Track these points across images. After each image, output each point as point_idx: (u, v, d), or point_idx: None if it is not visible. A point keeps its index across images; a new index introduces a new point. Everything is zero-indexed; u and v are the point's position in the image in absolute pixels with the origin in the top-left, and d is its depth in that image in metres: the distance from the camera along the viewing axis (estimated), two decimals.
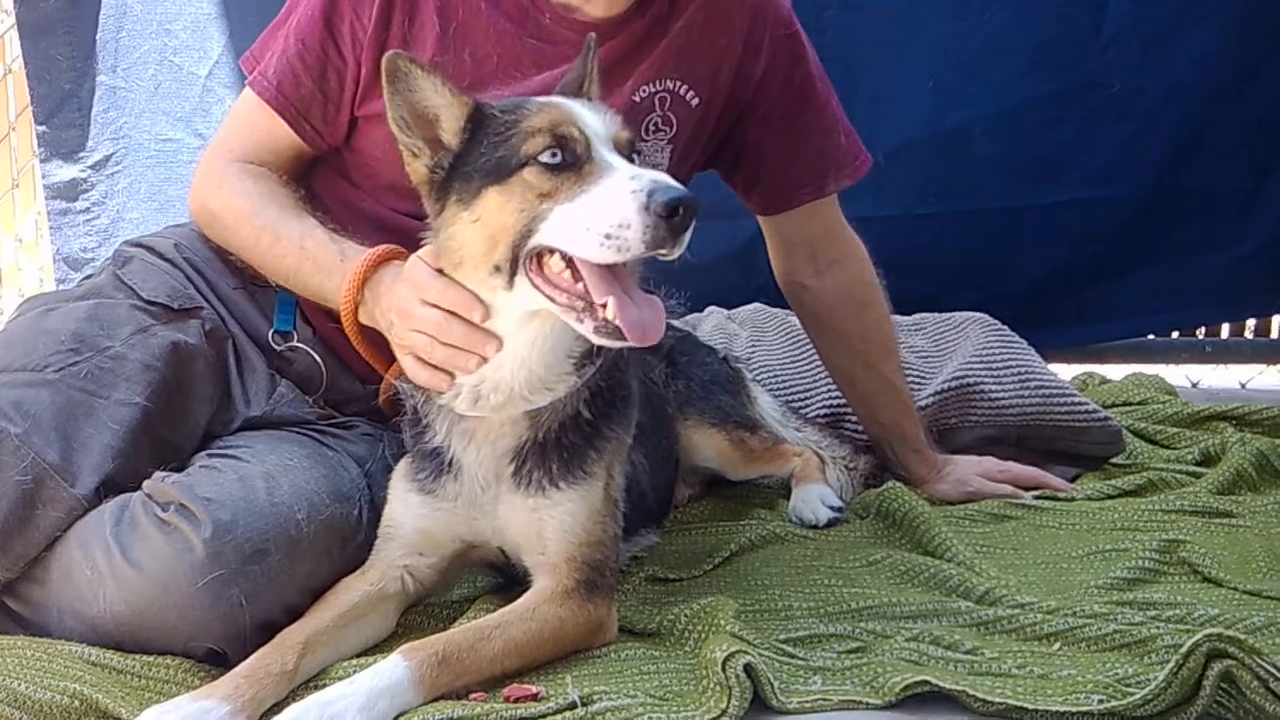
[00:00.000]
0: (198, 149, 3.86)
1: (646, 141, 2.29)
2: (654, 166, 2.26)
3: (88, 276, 2.35)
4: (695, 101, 2.32)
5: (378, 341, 2.07)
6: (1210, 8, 3.75)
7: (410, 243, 1.96)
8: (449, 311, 1.83)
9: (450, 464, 1.93)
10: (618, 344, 1.73)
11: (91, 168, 3.90)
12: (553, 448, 1.91)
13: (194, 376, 2.13)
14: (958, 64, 3.79)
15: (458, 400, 1.90)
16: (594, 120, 1.80)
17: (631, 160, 1.79)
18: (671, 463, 2.51)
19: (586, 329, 1.73)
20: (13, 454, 1.88)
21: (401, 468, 2.02)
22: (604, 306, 1.70)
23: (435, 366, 1.87)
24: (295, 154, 2.25)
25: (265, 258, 2.15)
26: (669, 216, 1.62)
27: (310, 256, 2.08)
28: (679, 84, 2.30)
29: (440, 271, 1.86)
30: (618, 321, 1.69)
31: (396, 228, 2.12)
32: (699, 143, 2.39)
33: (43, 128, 3.98)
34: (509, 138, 1.78)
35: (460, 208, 1.80)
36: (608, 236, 1.65)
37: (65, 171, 3.95)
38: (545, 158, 1.73)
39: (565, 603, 1.84)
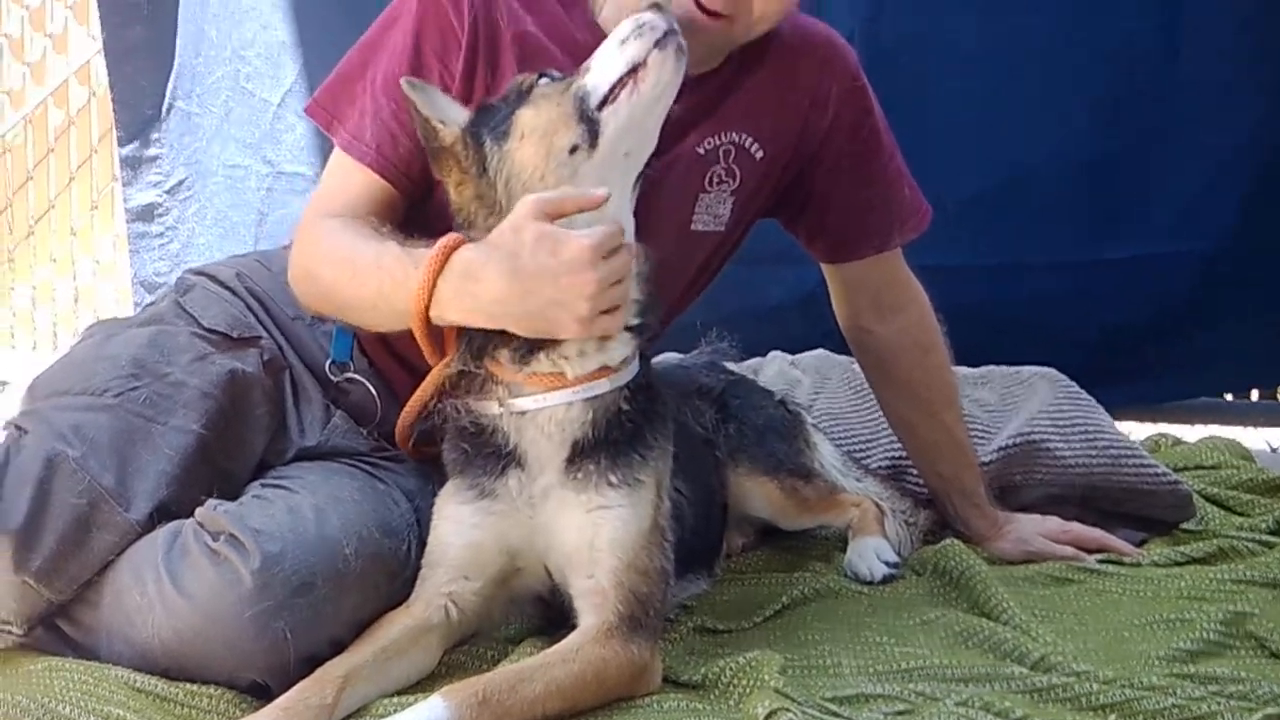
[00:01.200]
0: (265, 175, 3.94)
1: (709, 193, 2.30)
2: (716, 217, 2.32)
3: (150, 303, 2.37)
4: (760, 155, 2.32)
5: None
6: None
7: None
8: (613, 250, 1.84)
9: (514, 459, 1.95)
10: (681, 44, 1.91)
11: (167, 192, 3.98)
12: (603, 445, 1.93)
13: (251, 405, 2.13)
14: (1028, 115, 3.73)
15: (515, 398, 1.93)
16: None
17: None
18: (717, 505, 2.48)
19: (657, 65, 1.90)
20: (70, 477, 1.90)
21: (447, 490, 2.02)
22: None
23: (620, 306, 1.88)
24: (393, 203, 2.22)
25: (350, 295, 2.05)
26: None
27: (388, 273, 1.96)
28: (745, 137, 2.30)
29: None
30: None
31: None
32: (762, 194, 2.39)
33: (124, 151, 4.06)
34: (508, 94, 1.99)
35: (498, 148, 1.93)
36: (637, 27, 1.89)
37: (144, 195, 4.03)
38: (544, 81, 1.96)
39: (608, 642, 1.83)
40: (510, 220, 1.85)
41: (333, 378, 2.25)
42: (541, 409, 1.92)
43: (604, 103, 1.89)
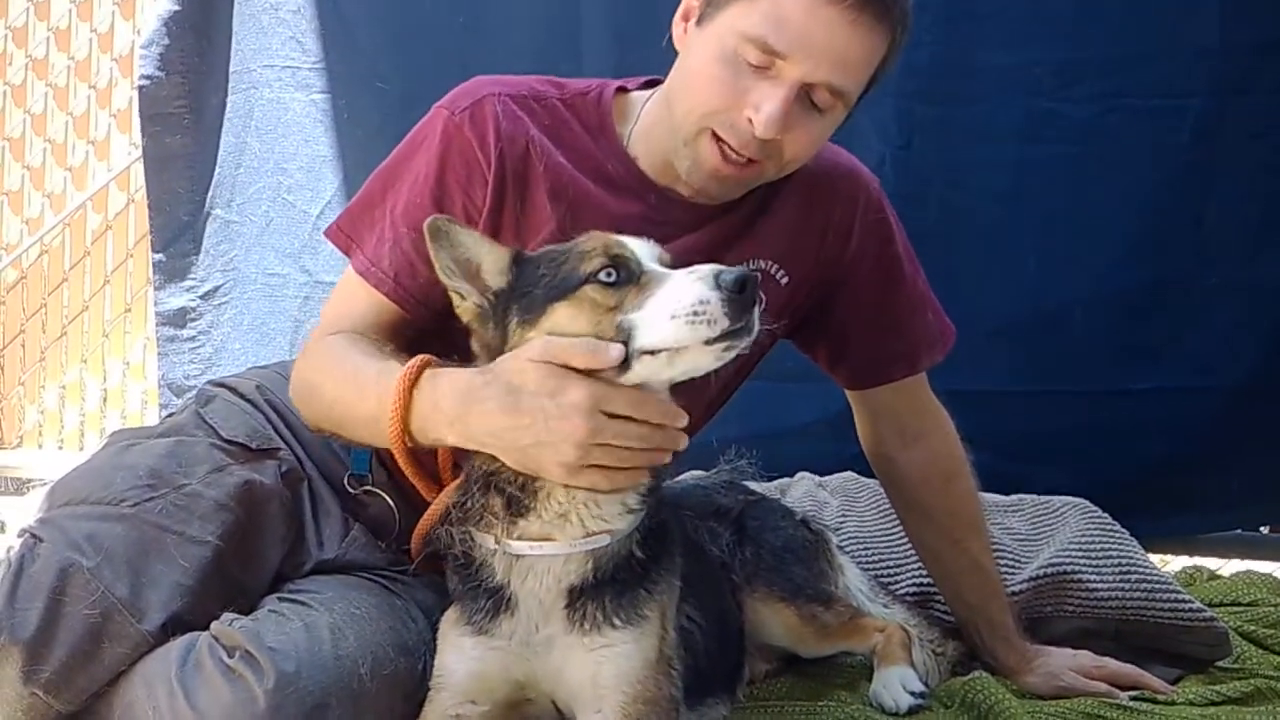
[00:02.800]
0: (304, 284, 3.99)
1: None
2: None
3: (170, 414, 2.37)
4: (785, 280, 2.33)
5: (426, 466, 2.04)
6: None
7: None
8: (647, 422, 1.81)
9: (507, 602, 1.90)
10: (730, 345, 1.77)
11: (201, 298, 4.03)
12: (607, 585, 1.88)
13: (268, 517, 2.12)
14: (1060, 246, 3.75)
15: (513, 540, 1.89)
16: (637, 244, 1.90)
17: None
18: (734, 628, 2.43)
19: (697, 353, 1.78)
20: (83, 587, 1.88)
21: (450, 616, 1.98)
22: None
23: (625, 471, 1.84)
24: (404, 326, 2.24)
25: (351, 410, 2.06)
26: (739, 291, 1.72)
27: (386, 391, 1.97)
28: (770, 263, 2.31)
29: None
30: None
31: None
32: (784, 319, 2.38)
33: (159, 256, 4.13)
34: (565, 262, 1.86)
35: (526, 327, 1.86)
36: (695, 314, 1.73)
37: (176, 300, 4.08)
38: (603, 276, 1.81)
39: None
40: (517, 354, 1.84)
41: (351, 490, 2.24)
42: (539, 556, 1.89)
43: (646, 353, 1.81)
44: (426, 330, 2.21)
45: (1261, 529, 4.12)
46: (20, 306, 5.46)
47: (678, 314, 1.74)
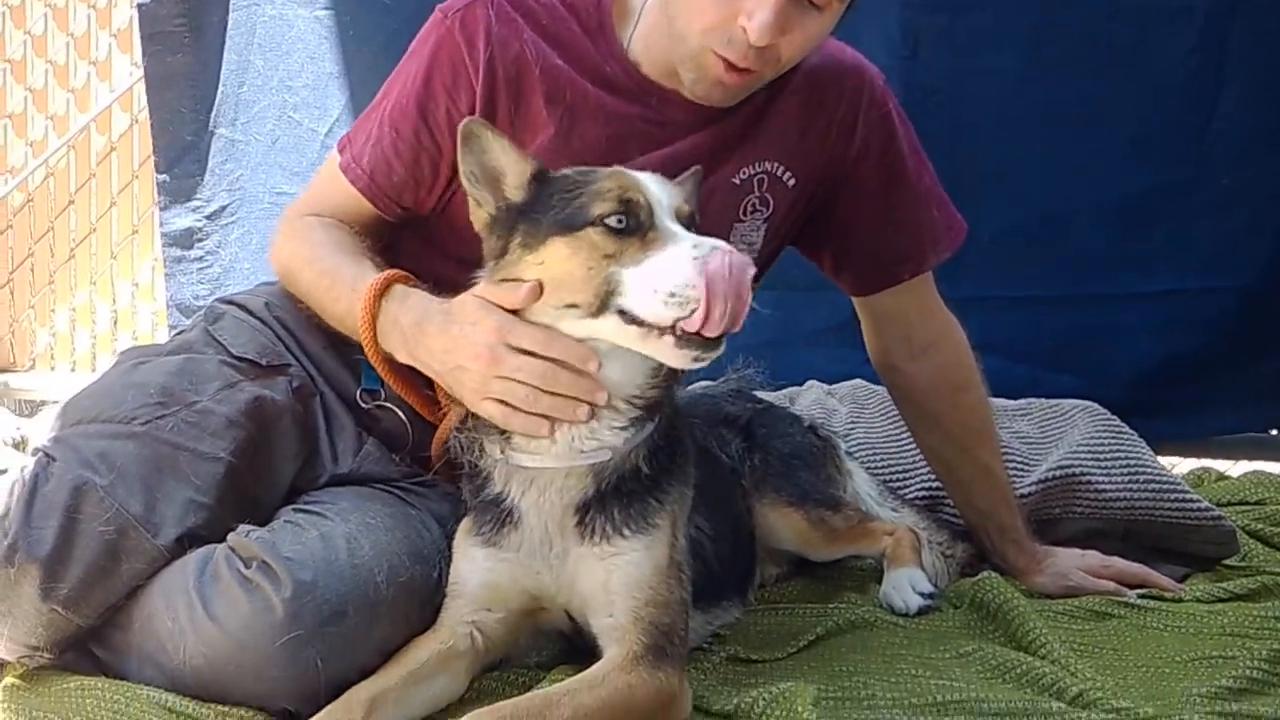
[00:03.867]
0: None
1: (744, 222, 2.30)
2: (750, 246, 2.29)
3: (180, 331, 2.39)
4: (792, 182, 2.32)
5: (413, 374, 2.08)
6: None
7: None
8: (552, 360, 1.81)
9: (511, 515, 1.93)
10: (701, 354, 1.74)
11: (207, 218, 4.02)
12: (613, 497, 1.90)
13: (280, 433, 2.13)
14: (1067, 151, 3.71)
15: (515, 451, 1.90)
16: (659, 190, 1.85)
17: (690, 230, 1.82)
18: (744, 533, 2.46)
19: (664, 345, 1.75)
20: (97, 505, 1.90)
21: (464, 525, 2.01)
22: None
23: (534, 414, 1.84)
24: (378, 222, 2.29)
25: (324, 303, 2.15)
26: None
27: (358, 299, 2.04)
28: (777, 165, 2.30)
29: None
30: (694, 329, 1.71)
31: None
32: (791, 221, 2.38)
33: (163, 177, 4.11)
34: (578, 195, 1.83)
35: (525, 251, 1.85)
36: (672, 295, 1.70)
37: (181, 220, 4.07)
38: (611, 221, 1.78)
39: (635, 670, 1.81)
40: (472, 290, 1.91)
41: (363, 405, 2.25)
42: (539, 470, 1.91)
43: (621, 312, 1.78)
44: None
45: (1271, 431, 4.12)
46: (28, 230, 5.44)
47: (658, 289, 1.71)
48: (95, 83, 5.37)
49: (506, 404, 1.84)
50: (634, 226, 1.78)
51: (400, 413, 2.24)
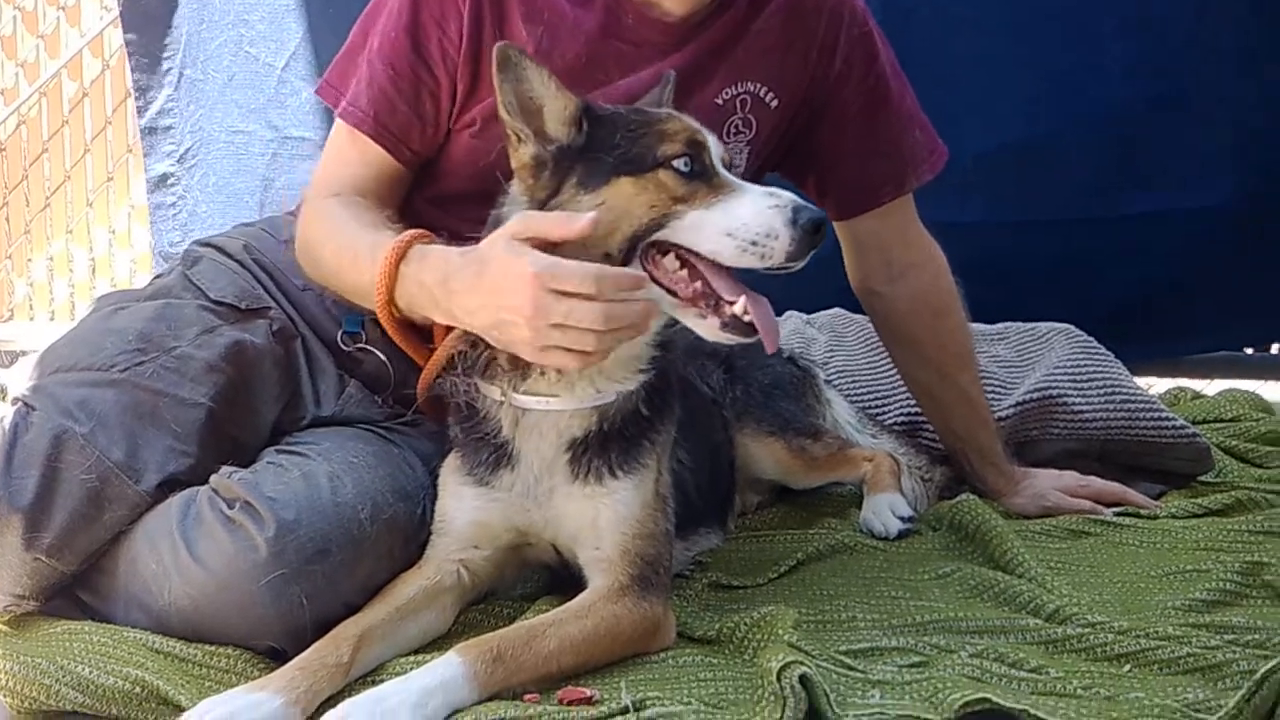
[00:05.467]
0: (270, 141, 3.91)
1: (728, 144, 2.28)
2: (733, 169, 2.26)
3: (158, 276, 2.37)
4: (774, 103, 2.31)
5: (418, 333, 2.05)
6: None
7: None
8: (603, 293, 1.75)
9: (510, 455, 1.94)
10: (742, 340, 1.80)
11: (178, 161, 3.95)
12: (614, 439, 1.92)
13: (261, 376, 2.14)
14: (1049, 72, 3.71)
15: (522, 394, 1.91)
16: (711, 139, 1.88)
17: None
18: (724, 462, 2.49)
19: (710, 325, 1.81)
20: (78, 453, 1.90)
21: (450, 463, 2.02)
22: (732, 304, 1.78)
23: (591, 353, 1.79)
24: (394, 177, 2.23)
25: (348, 278, 2.07)
26: (813, 232, 1.74)
27: (377, 266, 1.97)
28: (759, 86, 2.29)
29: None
30: (750, 319, 1.78)
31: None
32: (774, 143, 2.37)
33: (144, 121, 4.04)
34: (642, 136, 1.85)
35: (581, 190, 1.84)
36: (753, 244, 1.74)
37: (160, 166, 4.03)
38: (679, 164, 1.81)
39: (620, 600, 1.84)
40: (498, 230, 1.83)
41: (345, 348, 2.25)
42: (546, 411, 1.92)
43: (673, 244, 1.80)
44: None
45: (1247, 349, 4.16)
46: (1, 180, 5.40)
47: (735, 233, 1.75)
48: (65, 28, 5.30)
49: (569, 350, 1.78)
50: (700, 172, 1.82)
51: (382, 355, 2.24)
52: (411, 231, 1.96)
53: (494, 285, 1.78)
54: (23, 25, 5.34)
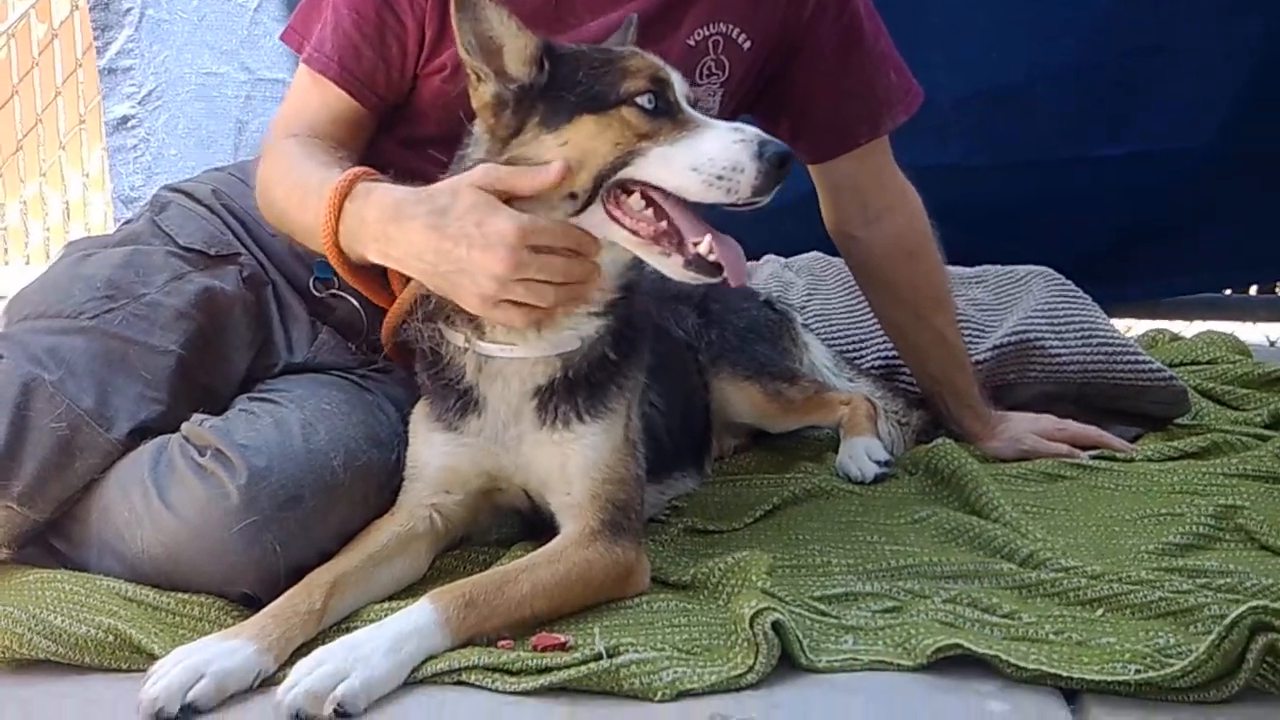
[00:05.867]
0: (244, 83, 3.84)
1: (700, 86, 2.26)
2: (706, 111, 2.23)
3: (128, 221, 2.34)
4: (747, 45, 2.28)
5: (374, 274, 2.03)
6: None
7: None
8: (568, 250, 1.79)
9: (476, 402, 1.93)
10: (707, 279, 1.80)
11: (139, 103, 3.88)
12: (580, 385, 1.92)
13: (231, 323, 2.11)
14: (1026, 16, 3.67)
15: (485, 341, 1.90)
16: (676, 76, 1.86)
17: None
18: (698, 406, 2.48)
19: (673, 264, 1.80)
20: (48, 401, 1.88)
21: (420, 409, 2.02)
22: (697, 244, 1.77)
23: (543, 308, 1.81)
24: (356, 121, 2.19)
25: (296, 217, 2.04)
26: (779, 166, 1.72)
27: (323, 203, 1.94)
28: (732, 27, 2.26)
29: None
30: (714, 258, 1.77)
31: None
32: (747, 86, 2.34)
33: (103, 62, 3.97)
34: (605, 74, 1.82)
35: (543, 129, 1.82)
36: (719, 178, 1.72)
37: (120, 108, 3.96)
38: (643, 100, 1.79)
39: (592, 545, 1.84)
40: (455, 179, 1.82)
41: (317, 294, 2.23)
42: (509, 359, 1.91)
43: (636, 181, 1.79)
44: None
45: (1225, 291, 4.17)
46: None
47: (700, 169, 1.73)
48: None
49: (524, 305, 1.79)
50: (664, 109, 1.80)
51: (354, 301, 2.22)
52: (357, 169, 1.94)
53: (458, 232, 1.77)
54: None
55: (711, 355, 2.55)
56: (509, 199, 1.79)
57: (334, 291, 2.22)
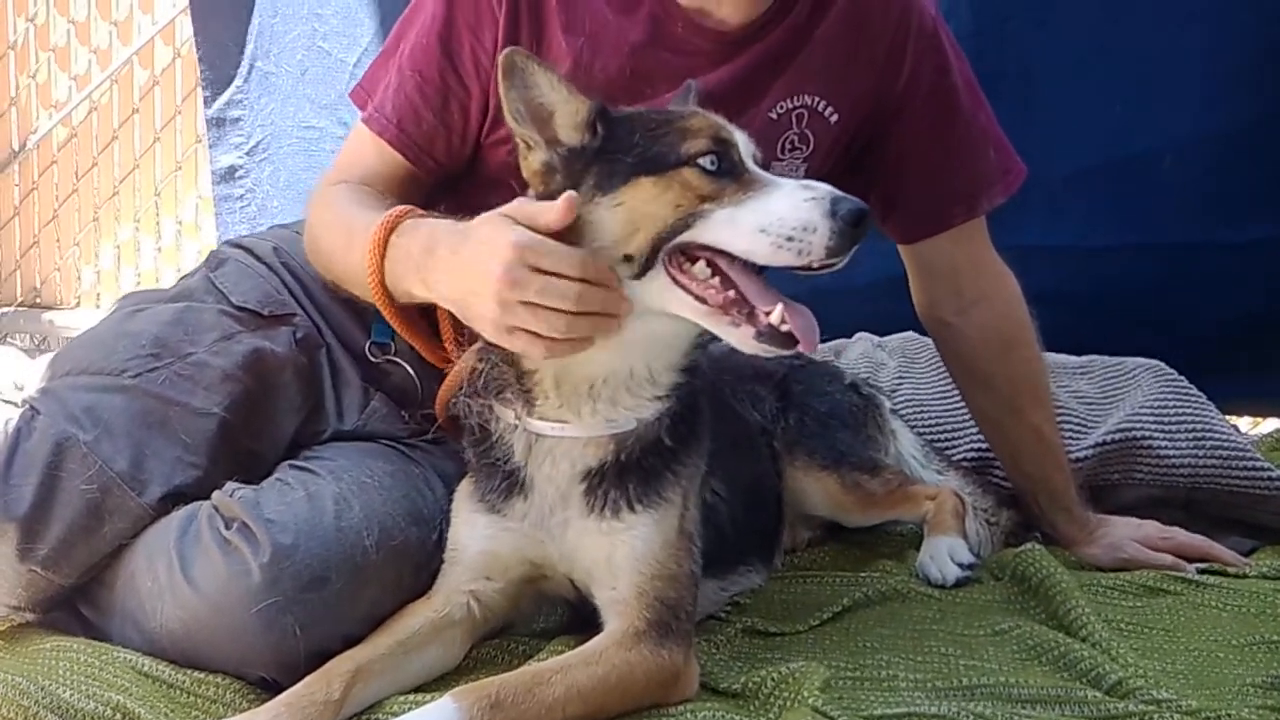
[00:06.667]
0: (340, 138, 3.84)
1: (783, 161, 2.16)
2: None
3: (184, 276, 2.29)
4: (834, 118, 2.17)
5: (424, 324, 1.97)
6: None
7: None
8: (583, 280, 1.66)
9: (523, 484, 1.82)
10: (779, 351, 1.68)
11: (247, 154, 3.94)
12: (632, 470, 1.79)
13: (280, 386, 2.04)
14: (1149, 85, 3.48)
15: (535, 419, 1.79)
16: (740, 135, 1.75)
17: None
18: (768, 495, 2.34)
19: (743, 335, 1.66)
20: (80, 462, 1.82)
21: (464, 488, 1.91)
22: (768, 313, 1.64)
23: (558, 340, 1.68)
24: (410, 181, 2.14)
25: (343, 261, 1.99)
26: (854, 224, 1.60)
27: (369, 241, 1.90)
28: (817, 100, 2.16)
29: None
30: (787, 328, 1.64)
31: None
32: (832, 160, 2.23)
33: (210, 112, 4.04)
34: (664, 135, 1.72)
35: (598, 192, 1.71)
36: (789, 239, 1.60)
37: (227, 158, 4.03)
38: (705, 162, 1.68)
39: (635, 647, 1.70)
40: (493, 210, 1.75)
41: (373, 359, 2.15)
42: (561, 438, 1.80)
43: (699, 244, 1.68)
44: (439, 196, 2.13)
45: None
46: (72, 166, 5.43)
47: (769, 229, 1.61)
48: (138, 15, 5.37)
49: (535, 334, 1.68)
50: (728, 169, 1.69)
51: (410, 368, 2.14)
52: (405, 206, 1.89)
53: (472, 255, 1.70)
54: (96, 11, 5.38)
55: (788, 441, 2.40)
56: None
57: (390, 358, 2.14)
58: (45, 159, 5.48)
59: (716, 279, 1.67)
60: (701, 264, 1.68)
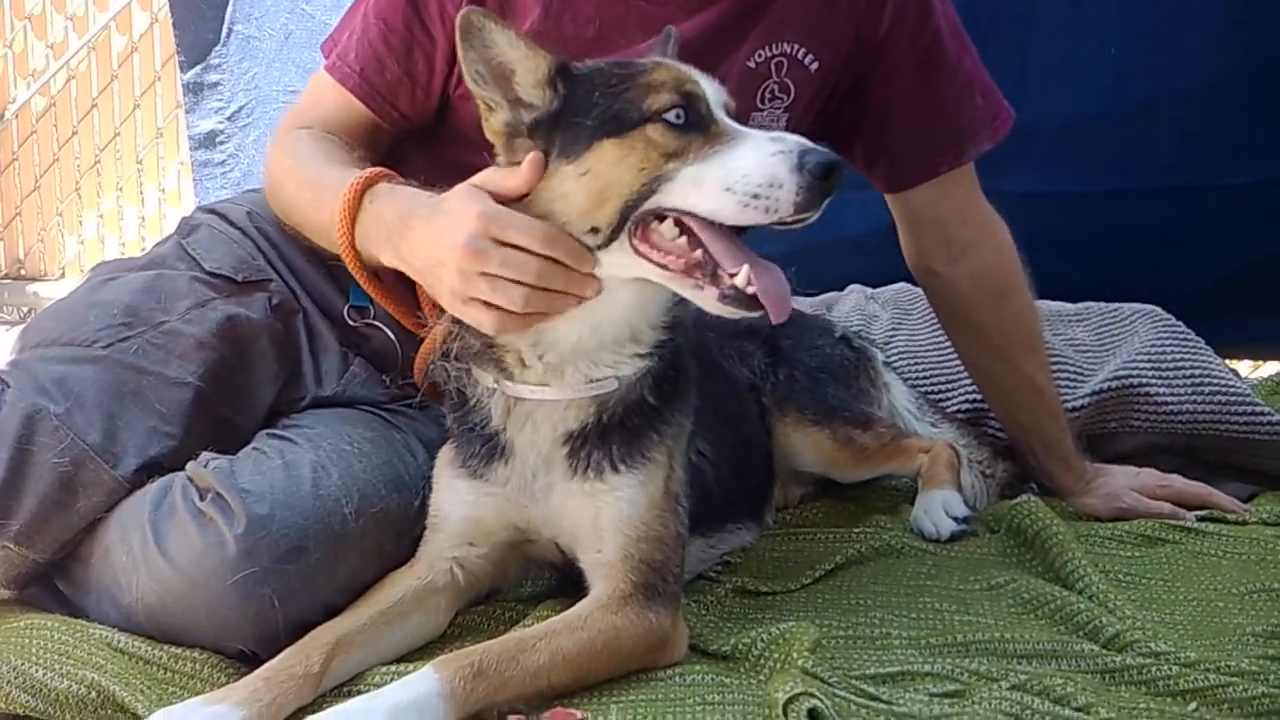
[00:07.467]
0: None
1: (763, 111, 2.10)
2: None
3: (157, 244, 2.24)
4: (814, 66, 2.11)
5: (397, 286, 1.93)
6: None
7: None
8: (547, 257, 1.63)
9: (504, 448, 1.78)
10: (745, 314, 1.61)
11: (228, 119, 3.89)
12: (615, 430, 1.75)
13: (256, 353, 1.99)
14: (1145, 32, 3.41)
15: (514, 381, 1.75)
16: (708, 84, 1.68)
17: None
18: (757, 453, 2.30)
19: (707, 297, 1.61)
20: (51, 435, 1.77)
21: (446, 453, 1.87)
22: (733, 275, 1.59)
23: (514, 313, 1.66)
24: (371, 130, 2.11)
25: (308, 216, 1.97)
26: (823, 178, 1.52)
27: (339, 200, 1.87)
28: (797, 47, 2.09)
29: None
30: (752, 290, 1.59)
31: None
32: (814, 110, 2.17)
33: (186, 77, 3.98)
34: (624, 91, 1.65)
35: (563, 160, 1.66)
36: (755, 196, 1.54)
37: (205, 123, 3.97)
38: (670, 116, 1.61)
39: (622, 610, 1.67)
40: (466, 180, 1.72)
41: (351, 323, 2.10)
42: (540, 401, 1.76)
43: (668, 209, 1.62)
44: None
45: None
46: (52, 136, 5.37)
47: (734, 188, 1.55)
48: None
49: (493, 306, 1.65)
50: (695, 122, 1.62)
51: (389, 331, 2.09)
52: (380, 168, 1.86)
53: (441, 224, 1.68)
54: None
55: (778, 397, 2.36)
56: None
57: (369, 321, 2.10)
58: (25, 129, 5.42)
59: (684, 238, 1.62)
60: (669, 223, 1.62)
